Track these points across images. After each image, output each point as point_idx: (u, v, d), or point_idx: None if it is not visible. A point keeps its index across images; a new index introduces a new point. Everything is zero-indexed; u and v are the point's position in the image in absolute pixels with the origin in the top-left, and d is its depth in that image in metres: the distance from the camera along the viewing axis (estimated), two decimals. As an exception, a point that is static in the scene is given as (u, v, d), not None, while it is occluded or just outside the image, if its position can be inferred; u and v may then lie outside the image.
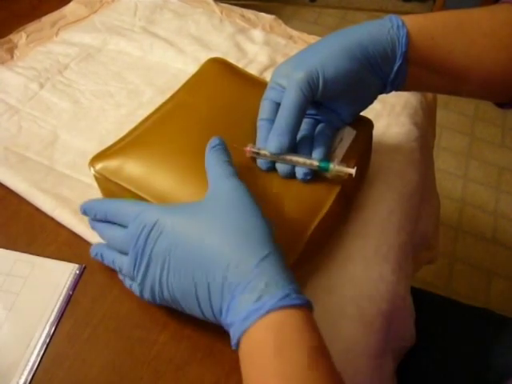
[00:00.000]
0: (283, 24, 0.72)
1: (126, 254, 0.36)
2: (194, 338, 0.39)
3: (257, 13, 0.74)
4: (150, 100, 0.57)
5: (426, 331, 0.59)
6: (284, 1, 2.44)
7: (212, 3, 0.74)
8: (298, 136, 0.41)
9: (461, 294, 1.30)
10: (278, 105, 0.40)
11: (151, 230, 0.33)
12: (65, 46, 0.64)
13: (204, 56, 0.62)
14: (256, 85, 0.49)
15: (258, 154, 0.40)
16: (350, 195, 0.45)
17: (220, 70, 0.49)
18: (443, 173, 1.63)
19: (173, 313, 0.39)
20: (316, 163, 0.38)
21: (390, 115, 0.57)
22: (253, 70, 0.61)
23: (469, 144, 1.73)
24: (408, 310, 0.49)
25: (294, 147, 0.40)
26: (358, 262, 0.43)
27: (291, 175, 0.40)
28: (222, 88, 0.47)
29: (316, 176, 0.40)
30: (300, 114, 0.38)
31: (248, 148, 0.40)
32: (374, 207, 0.47)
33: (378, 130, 0.52)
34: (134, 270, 0.35)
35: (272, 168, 0.40)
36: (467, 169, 1.65)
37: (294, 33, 0.70)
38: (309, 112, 0.41)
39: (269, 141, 0.39)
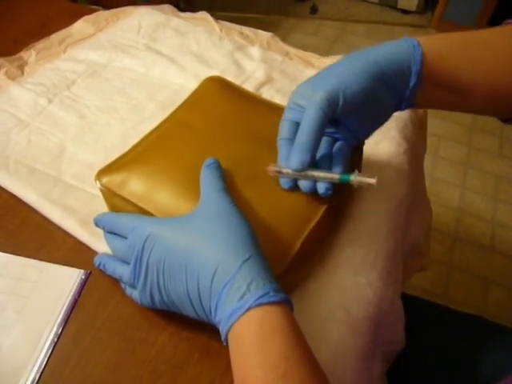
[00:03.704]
0: (280, 41, 0.75)
1: (127, 263, 0.39)
2: (192, 339, 0.41)
3: (255, 30, 0.77)
4: (153, 114, 0.60)
5: (418, 337, 0.62)
6: (285, 13, 2.49)
7: (212, 21, 0.77)
8: (317, 154, 0.42)
9: (458, 302, 1.32)
10: (297, 124, 0.41)
11: (145, 241, 0.36)
12: (72, 63, 0.67)
13: (204, 72, 0.65)
14: (252, 102, 0.52)
15: (280, 172, 0.41)
16: (340, 206, 0.48)
17: (218, 88, 0.52)
18: (441, 182, 1.65)
19: (171, 316, 0.42)
20: (337, 176, 0.40)
21: (380, 129, 0.60)
22: (250, 86, 0.64)
23: (467, 154, 1.76)
24: (397, 315, 0.52)
25: (314, 164, 0.41)
26: (346, 268, 0.46)
27: (314, 191, 0.41)
28: (220, 106, 0.50)
29: None
30: (320, 132, 0.39)
31: (270, 168, 0.42)
32: (363, 217, 0.50)
33: (369, 143, 0.54)
34: (134, 278, 0.38)
35: (294, 186, 0.42)
36: (465, 178, 1.67)
37: (290, 49, 0.73)
38: (327, 130, 0.43)
39: (291, 158, 0.40)
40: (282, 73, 0.68)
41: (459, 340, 0.63)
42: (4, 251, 0.46)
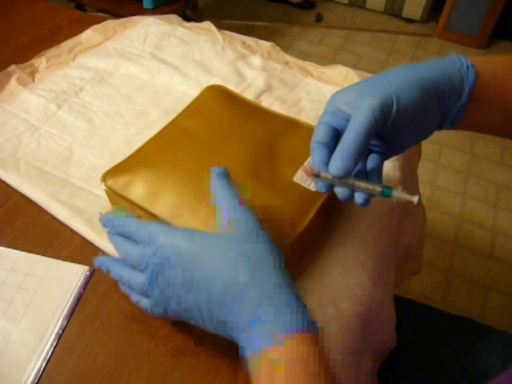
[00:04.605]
0: (281, 51, 0.78)
1: (138, 270, 0.38)
2: (190, 332, 0.44)
3: (257, 40, 0.80)
4: (156, 120, 0.63)
5: (411, 337, 0.64)
6: (291, 22, 2.52)
7: (215, 31, 0.80)
8: None
9: (457, 308, 1.33)
10: (334, 130, 0.40)
11: (165, 253, 0.35)
12: (81, 70, 0.71)
13: (206, 80, 0.68)
14: (251, 110, 0.55)
15: (317, 175, 0.39)
16: (331, 208, 0.50)
17: (218, 97, 0.55)
18: (442, 189, 1.67)
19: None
20: (379, 189, 0.38)
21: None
22: (250, 94, 0.66)
23: (468, 161, 1.78)
24: (387, 315, 0.54)
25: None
26: (337, 268, 0.48)
27: (350, 200, 0.39)
28: (219, 113, 0.53)
29: (301, 189, 0.46)
30: (368, 139, 0.37)
31: (309, 167, 0.40)
32: (354, 219, 0.52)
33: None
34: (148, 289, 0.37)
35: (330, 191, 0.40)
36: (466, 186, 1.69)
37: (290, 59, 0.76)
38: None
39: (333, 163, 0.37)
40: (282, 81, 0.70)
41: (451, 341, 0.65)
42: (15, 248, 0.49)
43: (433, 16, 2.51)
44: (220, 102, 0.54)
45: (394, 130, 0.39)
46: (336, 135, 0.40)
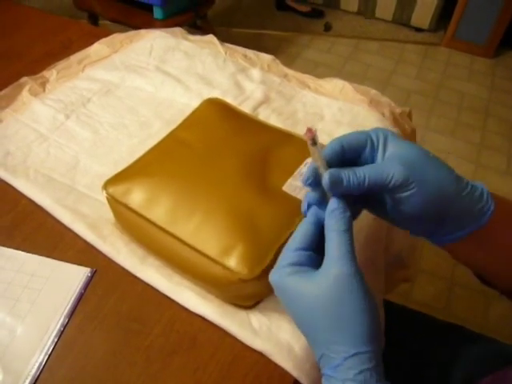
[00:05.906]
0: (280, 64, 0.81)
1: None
2: (181, 332, 0.47)
3: (257, 53, 0.83)
4: (158, 131, 0.66)
5: (399, 343, 0.66)
6: (300, 30, 2.55)
7: (218, 44, 0.84)
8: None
9: (459, 318, 1.34)
10: (359, 146, 0.38)
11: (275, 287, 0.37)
12: (88, 82, 0.74)
13: (207, 92, 0.72)
14: (247, 122, 0.58)
15: (314, 143, 0.36)
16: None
17: (215, 109, 0.58)
18: (447, 198, 1.67)
19: (164, 312, 0.48)
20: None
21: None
22: (248, 106, 0.70)
23: (473, 171, 1.78)
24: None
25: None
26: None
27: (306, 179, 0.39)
28: (216, 125, 0.56)
29: (289, 198, 0.48)
30: (368, 189, 0.36)
31: (314, 132, 0.36)
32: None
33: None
34: None
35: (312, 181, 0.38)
36: (471, 195, 1.69)
37: (289, 72, 0.79)
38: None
39: (336, 174, 0.36)
40: (280, 93, 0.73)
41: (439, 346, 0.67)
42: (22, 250, 0.52)
43: (441, 25, 2.53)
44: (217, 115, 0.57)
45: (393, 201, 0.38)
46: (357, 148, 0.39)
